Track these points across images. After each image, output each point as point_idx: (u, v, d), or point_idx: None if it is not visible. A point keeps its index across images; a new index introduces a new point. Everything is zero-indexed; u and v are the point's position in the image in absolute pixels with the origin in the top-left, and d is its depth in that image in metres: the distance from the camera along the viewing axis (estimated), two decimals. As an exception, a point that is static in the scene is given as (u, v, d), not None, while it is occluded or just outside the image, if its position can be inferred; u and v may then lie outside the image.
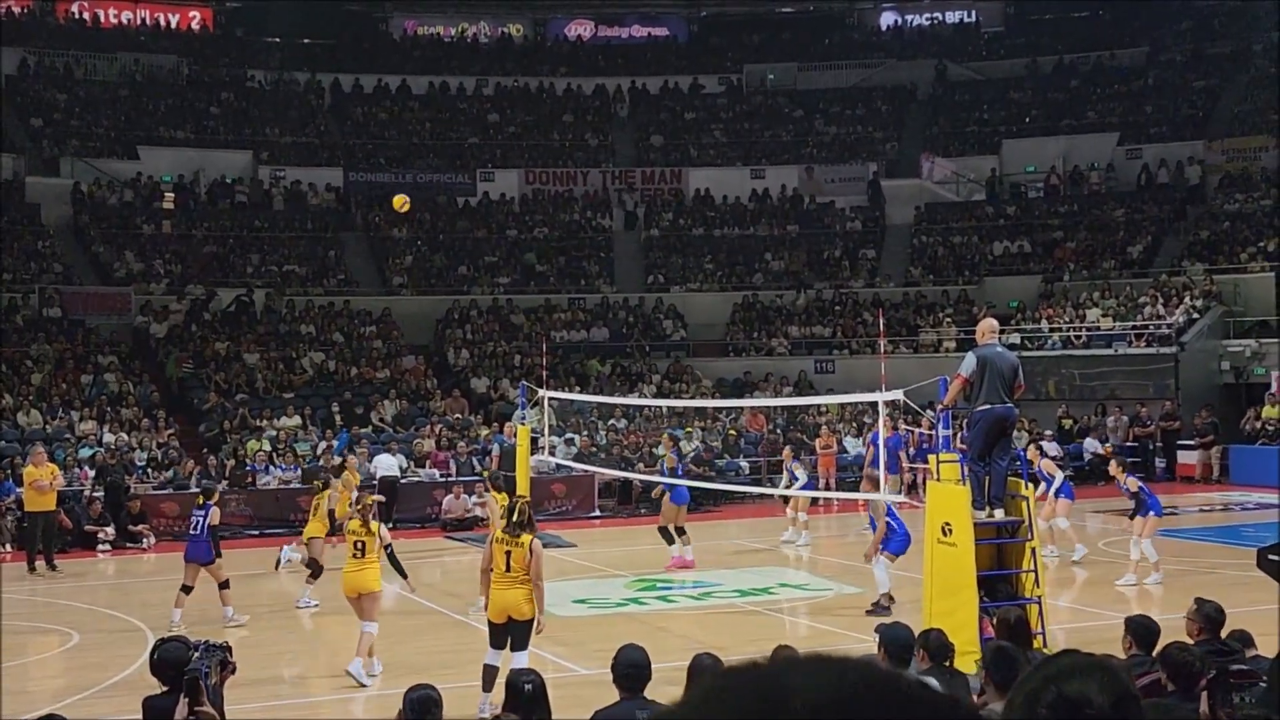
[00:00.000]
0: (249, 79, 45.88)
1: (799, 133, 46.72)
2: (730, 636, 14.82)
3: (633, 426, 31.71)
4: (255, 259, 38.23)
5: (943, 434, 13.12)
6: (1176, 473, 30.92)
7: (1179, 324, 33.84)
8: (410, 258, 39.63)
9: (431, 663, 13.62)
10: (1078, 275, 38.11)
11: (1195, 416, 31.37)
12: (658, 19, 52.37)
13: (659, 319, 38.36)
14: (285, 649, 14.85)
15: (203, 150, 41.53)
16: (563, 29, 52.00)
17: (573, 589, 18.48)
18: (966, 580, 12.14)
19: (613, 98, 47.97)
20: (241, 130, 43.35)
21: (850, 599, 17.91)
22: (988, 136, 45.26)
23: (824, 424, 30.69)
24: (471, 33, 51.40)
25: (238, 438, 28.57)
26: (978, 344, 13.15)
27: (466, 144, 44.91)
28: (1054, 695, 2.07)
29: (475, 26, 51.46)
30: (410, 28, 51.06)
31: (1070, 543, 20.02)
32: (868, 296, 39.01)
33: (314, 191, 41.37)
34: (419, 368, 34.21)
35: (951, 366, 14.01)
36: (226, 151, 41.89)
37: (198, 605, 16.33)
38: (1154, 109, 44.63)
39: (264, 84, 45.87)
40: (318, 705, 12.79)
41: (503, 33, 51.57)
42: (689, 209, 43.35)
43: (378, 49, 49.22)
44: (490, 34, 51.48)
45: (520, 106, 47.15)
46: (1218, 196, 40.04)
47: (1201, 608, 8.76)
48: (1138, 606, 14.96)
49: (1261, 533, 19.36)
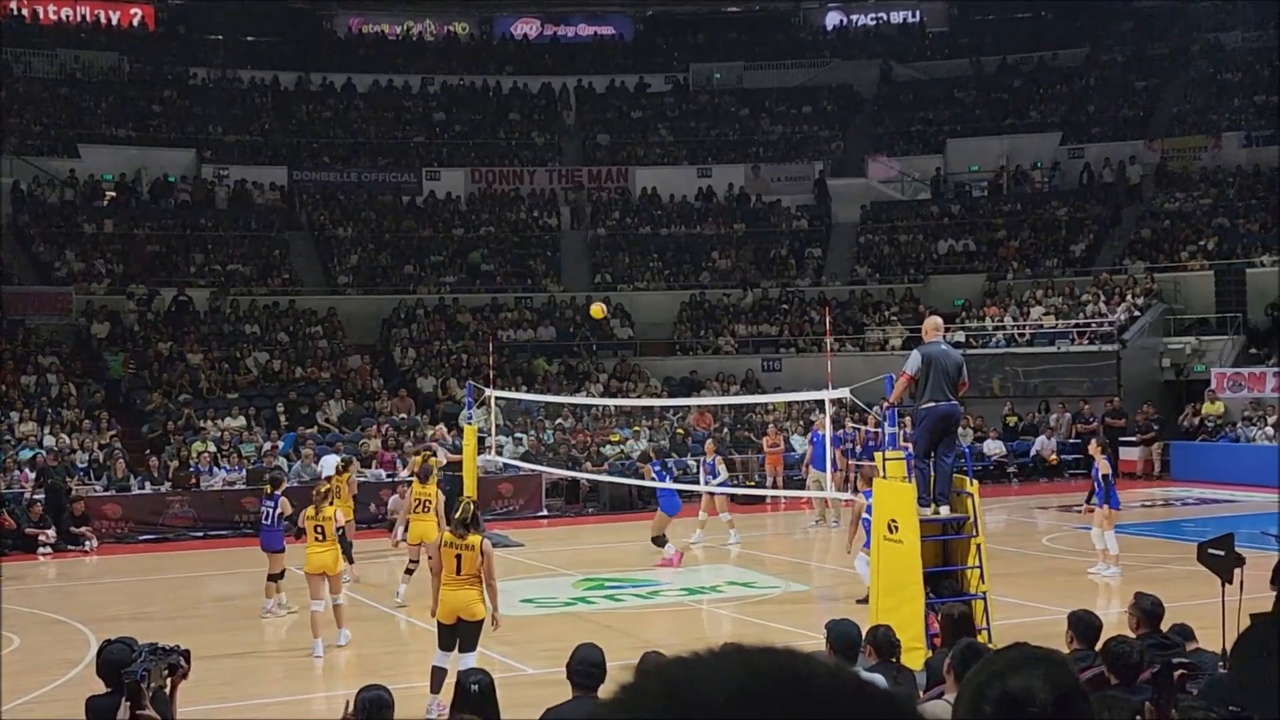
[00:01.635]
0: (191, 77, 45.45)
1: (745, 132, 46.85)
2: (678, 635, 14.85)
3: (580, 426, 31.70)
4: (199, 258, 37.88)
5: (889, 432, 13.21)
6: (1118, 469, 31.23)
7: (1121, 322, 34.24)
8: (356, 257, 39.41)
9: (381, 664, 13.56)
10: (1021, 273, 38.47)
11: (1137, 413, 31.73)
12: (604, 18, 52.35)
13: (606, 318, 38.30)
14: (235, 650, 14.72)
15: (145, 148, 41.09)
16: (509, 28, 51.89)
17: (520, 588, 18.44)
18: (913, 577, 12.23)
19: (559, 97, 47.92)
20: (184, 128, 42.94)
21: (798, 596, 18.00)
22: (932, 136, 45.57)
23: (771, 422, 30.80)
24: (417, 31, 51.17)
25: (181, 439, 28.31)
26: (923, 342, 13.24)
27: (412, 143, 44.72)
28: (998, 690, 2.08)
29: (420, 25, 51.24)
30: (355, 26, 50.78)
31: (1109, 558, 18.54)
32: (814, 295, 39.19)
33: (258, 190, 41.05)
34: (365, 367, 34.03)
35: (897, 364, 14.09)
36: (169, 150, 41.47)
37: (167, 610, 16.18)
38: (1095, 109, 45.11)
39: (207, 82, 45.46)
40: (266, 706, 12.69)
41: (448, 31, 51.39)
42: (636, 208, 43.38)
43: (322, 47, 48.93)
44: (436, 32, 51.29)
45: (466, 105, 47.01)
46: (1158, 196, 40.53)
47: (1139, 602, 8.87)
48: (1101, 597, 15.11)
49: (1202, 527, 19.60)
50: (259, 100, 45.42)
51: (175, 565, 21.93)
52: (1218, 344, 33.78)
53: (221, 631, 15.80)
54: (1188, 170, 40.82)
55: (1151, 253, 37.76)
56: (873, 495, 13.28)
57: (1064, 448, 31.92)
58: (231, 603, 18.13)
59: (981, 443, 31.30)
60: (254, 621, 16.65)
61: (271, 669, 14.38)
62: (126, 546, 24.00)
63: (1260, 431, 29.99)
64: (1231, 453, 29.96)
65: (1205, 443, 30.87)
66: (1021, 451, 32.02)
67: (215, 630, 15.82)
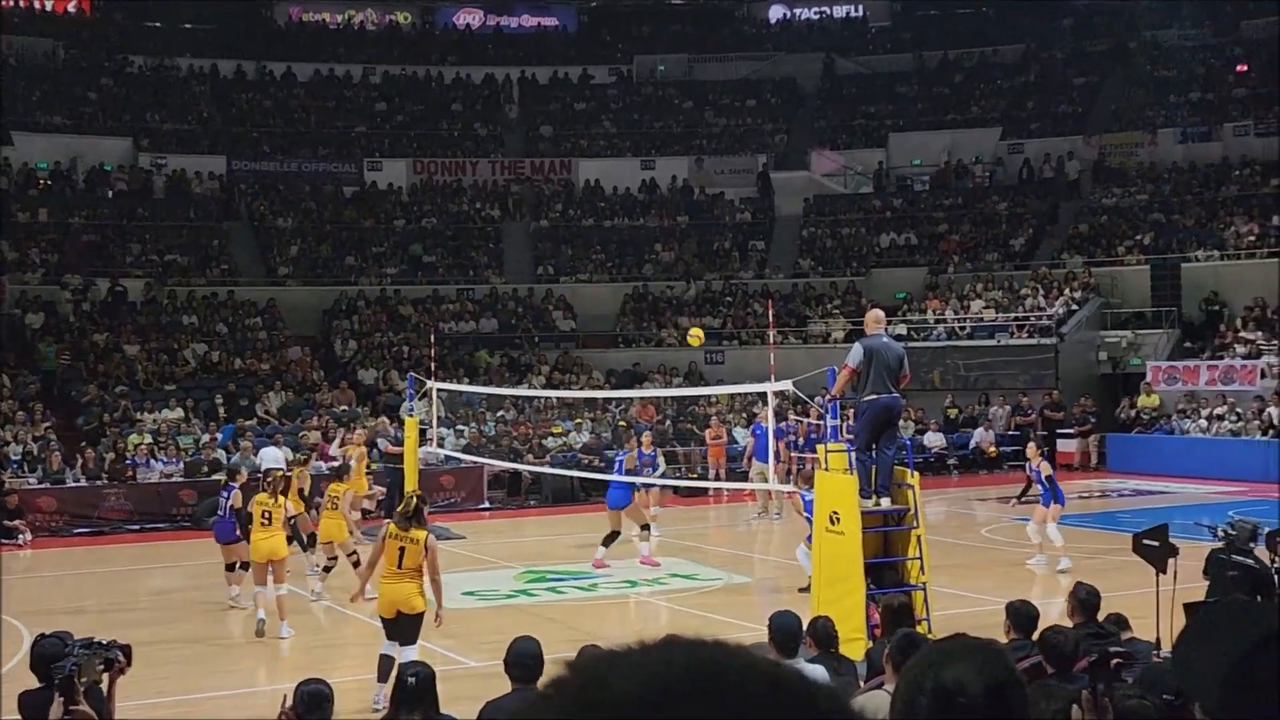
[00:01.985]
0: (129, 64, 44.84)
1: (689, 124, 46.89)
2: (620, 627, 14.85)
3: (522, 418, 31.63)
4: (135, 248, 37.43)
5: (830, 424, 13.27)
6: (1056, 460, 31.56)
7: (1059, 315, 34.58)
8: (296, 248, 39.10)
9: (320, 658, 13.47)
10: (962, 267, 38.77)
11: (1075, 405, 32.07)
12: (547, 9, 52.16)
13: (548, 310, 38.28)
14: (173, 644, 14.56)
15: (80, 136, 40.50)
16: (451, 17, 51.56)
17: (462, 581, 18.37)
18: (854, 568, 12.29)
19: (502, 88, 47.74)
20: (121, 116, 42.38)
21: (740, 588, 18.05)
22: (875, 130, 45.80)
23: (714, 415, 30.86)
24: (358, 20, 50.75)
25: (117, 431, 27.98)
26: (865, 335, 13.30)
27: (353, 133, 44.39)
28: (933, 682, 2.08)
29: (362, 14, 50.82)
30: (295, 14, 50.27)
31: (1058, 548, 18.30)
32: (757, 288, 39.30)
33: (196, 180, 40.61)
34: (305, 359, 33.77)
35: (839, 357, 14.15)
36: (105, 138, 40.90)
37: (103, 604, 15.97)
38: (1035, 105, 45.51)
39: (144, 69, 44.87)
40: (205, 701, 12.56)
41: (390, 20, 51.01)
42: (579, 200, 43.31)
43: (262, 35, 48.39)
44: (377, 21, 50.89)
45: (408, 95, 46.73)
46: (1096, 191, 40.96)
47: (1076, 591, 8.97)
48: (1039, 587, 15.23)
49: (1137, 518, 19.84)
50: (197, 89, 44.90)
51: (111, 559, 21.66)
52: (1153, 337, 34.21)
53: (159, 625, 15.63)
54: (1125, 166, 41.28)
55: (1089, 247, 38.17)
56: (813, 492, 13.34)
57: (1003, 440, 32.20)
58: (169, 596, 17.93)
59: (922, 435, 31.52)
60: (192, 615, 16.49)
61: (210, 663, 14.24)
62: (61, 540, 23.69)
63: (1194, 424, 30.40)
64: (1166, 445, 30.35)
65: (1141, 435, 31.26)
66: (961, 444, 32.28)
67: (152, 624, 15.64)
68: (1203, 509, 21.00)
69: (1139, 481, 28.16)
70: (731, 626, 14.86)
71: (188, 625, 15.96)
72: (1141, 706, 5.20)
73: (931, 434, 32.03)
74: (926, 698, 2.07)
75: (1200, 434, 30.13)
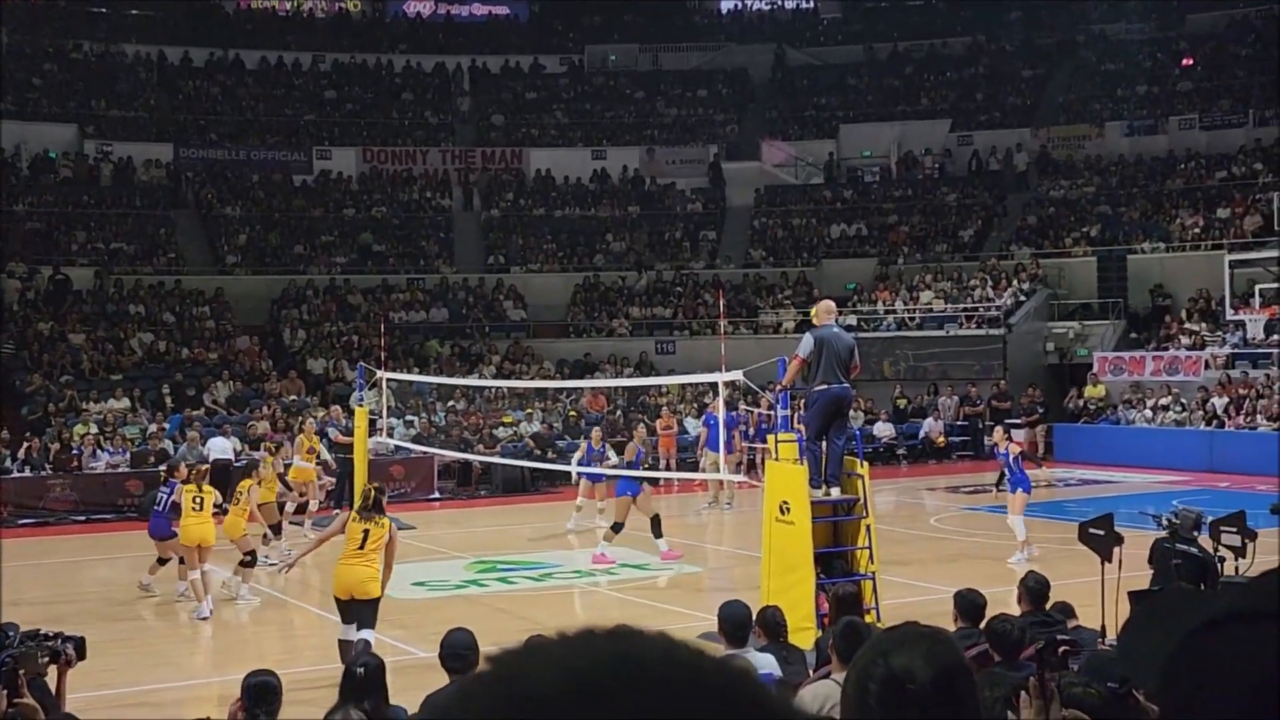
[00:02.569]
0: (74, 49, 44.26)
1: (640, 114, 46.86)
2: (570, 617, 14.85)
3: (473, 408, 31.54)
4: (81, 236, 37.01)
5: (781, 414, 13.31)
6: (1005, 451, 31.81)
7: (1007, 306, 34.87)
8: (244, 236, 38.78)
9: (271, 649, 13.39)
10: (911, 258, 38.98)
11: (1022, 395, 32.35)
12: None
13: (499, 300, 38.18)
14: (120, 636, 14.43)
15: (24, 123, 39.89)
16: (402, 5, 51.24)
17: (412, 571, 18.31)
18: (804, 558, 12.34)
19: (453, 77, 47.52)
20: (66, 103, 41.84)
21: (690, 578, 18.09)
22: (826, 121, 45.95)
23: (665, 405, 30.89)
24: (307, 7, 50.34)
25: (63, 421, 27.67)
26: (815, 325, 13.34)
27: (302, 121, 44.06)
28: (883, 669, 2.10)
29: (311, 1, 50.45)
30: (244, 1, 49.83)
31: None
32: (708, 278, 39.35)
33: (144, 167, 40.19)
34: (253, 349, 33.52)
35: (790, 347, 14.20)
36: (50, 125, 40.37)
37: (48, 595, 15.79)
38: (984, 97, 45.81)
39: (90, 55, 44.32)
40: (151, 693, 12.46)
41: (340, 8, 50.63)
42: (530, 189, 43.20)
43: (209, 21, 47.87)
44: (327, 9, 50.49)
45: (358, 84, 46.41)
46: (1044, 183, 41.29)
47: (1025, 580, 9.06)
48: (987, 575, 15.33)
49: (1083, 507, 20.03)
50: (144, 75, 44.41)
51: (56, 550, 21.44)
52: (1100, 328, 34.55)
53: (105, 618, 15.48)
54: (1072, 159, 41.64)
55: (1037, 239, 38.48)
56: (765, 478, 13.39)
57: (951, 430, 32.46)
58: (115, 587, 17.76)
59: (872, 425, 31.70)
60: (139, 606, 16.35)
61: (158, 655, 14.13)
62: (5, 531, 23.38)
63: (1140, 414, 30.73)
64: (1112, 435, 30.68)
65: (1087, 425, 31.59)
66: (911, 434, 32.49)
67: (98, 616, 15.49)
68: (1147, 498, 21.24)
69: (1085, 471, 28.44)
70: (682, 616, 14.90)
71: (135, 617, 15.83)
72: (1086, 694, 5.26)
73: (881, 424, 32.22)
74: (876, 685, 2.08)
75: (1145, 424, 30.48)
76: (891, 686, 2.07)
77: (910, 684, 2.07)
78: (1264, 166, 36.71)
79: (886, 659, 2.10)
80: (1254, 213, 34.54)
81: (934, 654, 2.11)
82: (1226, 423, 28.93)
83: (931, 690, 2.06)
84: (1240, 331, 31.30)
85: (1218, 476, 26.68)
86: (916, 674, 2.07)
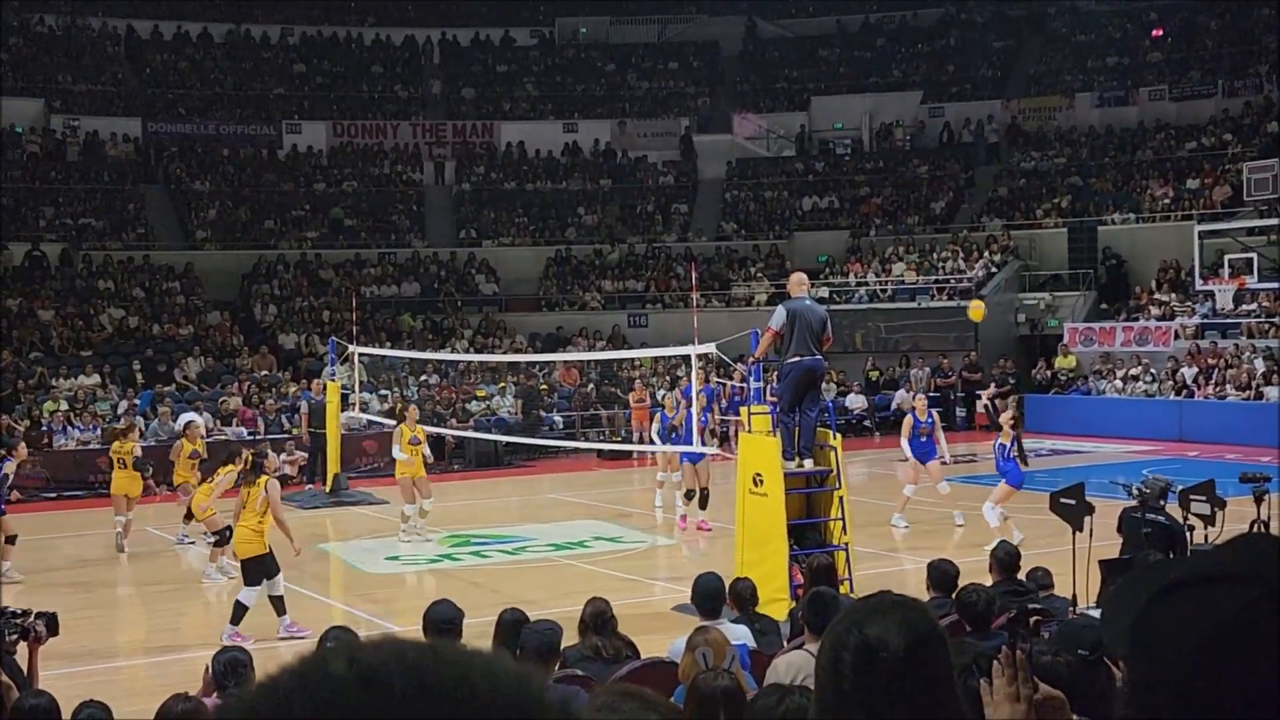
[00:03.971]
0: (39, 23, 43.77)
1: (611, 87, 46.72)
2: (543, 591, 14.87)
3: (445, 382, 31.49)
4: (49, 212, 36.70)
5: (754, 386, 13.33)
6: (975, 421, 31.97)
7: (978, 278, 34.97)
8: (214, 211, 38.53)
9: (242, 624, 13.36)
10: (883, 230, 39.05)
11: (993, 367, 32.49)
12: (468, -31, 51.60)
13: (471, 274, 38.08)
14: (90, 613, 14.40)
15: (-10, 97, 39.54)
16: (371, -22, 50.83)
17: (385, 546, 18.31)
18: (777, 530, 12.38)
19: (422, 49, 47.25)
20: (31, 77, 41.41)
21: (664, 550, 18.13)
22: (797, 93, 45.90)
23: (637, 378, 30.91)
24: (276, -21, 49.88)
25: (33, 398, 27.51)
26: (788, 298, 13.36)
27: (271, 94, 43.76)
28: (857, 638, 2.11)
29: (280, -27, 49.94)
30: (211, -27, 49.32)
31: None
32: (680, 251, 39.34)
33: (111, 142, 39.86)
34: (224, 324, 33.36)
35: (762, 320, 14.22)
36: (15, 99, 39.87)
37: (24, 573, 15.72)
38: (955, 68, 45.83)
39: (55, 29, 43.86)
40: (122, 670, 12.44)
41: (308, -20, 50.19)
42: (501, 163, 43.06)
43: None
44: (295, -19, 50.04)
45: (327, 56, 46.10)
46: (1014, 155, 41.38)
47: (996, 550, 9.12)
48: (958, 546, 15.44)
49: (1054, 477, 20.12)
50: (111, 49, 44.00)
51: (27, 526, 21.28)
52: (1070, 299, 34.71)
53: (76, 594, 15.42)
54: (1043, 130, 41.73)
55: (1008, 210, 38.59)
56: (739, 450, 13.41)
57: (926, 401, 32.52)
58: (86, 564, 17.69)
59: (844, 397, 31.78)
60: (110, 582, 16.30)
61: (128, 630, 14.10)
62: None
63: (1110, 384, 30.91)
64: (1083, 405, 30.86)
65: (1058, 395, 31.76)
66: (883, 405, 32.59)
67: (71, 593, 15.44)
68: (1118, 468, 21.38)
69: (1056, 441, 28.58)
70: (655, 588, 14.96)
71: (105, 594, 15.77)
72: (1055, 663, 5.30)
73: (853, 396, 32.32)
74: (850, 654, 2.10)
75: (1116, 394, 30.66)
76: (865, 655, 2.09)
77: (884, 652, 2.08)
78: (1234, 137, 36.88)
79: (860, 628, 2.12)
80: (1223, 184, 34.70)
81: (907, 623, 2.13)
82: (1196, 393, 29.13)
83: (905, 659, 2.08)
84: (1210, 302, 31.49)
85: (1187, 446, 26.87)
86: (890, 643, 2.09)
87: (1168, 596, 1.24)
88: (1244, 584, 1.20)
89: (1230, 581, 1.21)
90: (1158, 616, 1.24)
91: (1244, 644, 1.16)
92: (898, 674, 2.08)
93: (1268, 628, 1.16)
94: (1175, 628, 1.21)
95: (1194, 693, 1.16)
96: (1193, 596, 1.23)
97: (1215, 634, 1.17)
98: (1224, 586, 1.21)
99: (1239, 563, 1.24)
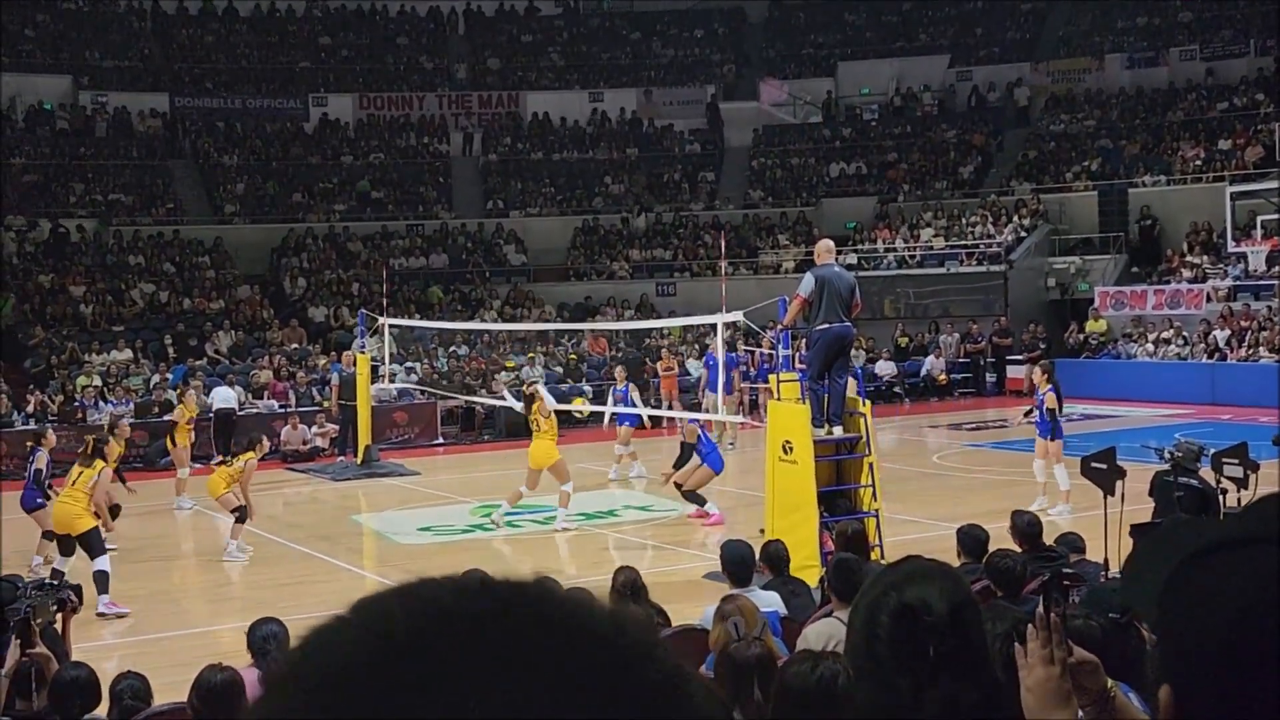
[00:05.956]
0: (66, 0, 43.93)
1: (636, 55, 46.57)
2: (574, 561, 14.94)
3: (474, 353, 31.57)
4: (79, 188, 36.90)
5: (783, 354, 13.32)
6: (1006, 386, 31.89)
7: (1007, 243, 34.79)
8: (242, 185, 38.67)
9: (276, 596, 13.48)
10: (911, 196, 38.86)
11: (1024, 332, 32.35)
12: (492, -61, 51.41)
13: (499, 244, 38.12)
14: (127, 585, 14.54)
15: (18, 75, 39.63)
16: (395, -51, 50.72)
17: (418, 517, 18.41)
18: (807, 497, 12.39)
19: (447, 20, 47.18)
20: (59, 54, 41.57)
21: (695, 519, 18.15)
22: (823, 59, 45.65)
23: (665, 347, 30.90)
24: (300, -48, 49.83)
25: (66, 373, 27.72)
26: (816, 264, 13.32)
27: (298, 68, 43.79)
28: (895, 602, 2.13)
29: (304, -54, 49.89)
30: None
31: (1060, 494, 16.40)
32: (707, 219, 39.26)
33: (139, 118, 39.99)
34: (254, 298, 33.51)
35: (790, 287, 14.18)
36: (44, 76, 40.11)
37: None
38: (983, 31, 45.45)
39: (82, 5, 43.98)
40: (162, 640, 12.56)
41: (332, -48, 50.14)
42: (527, 133, 43.01)
43: (202, -31, 47.43)
44: (319, -46, 49.99)
45: (353, 29, 46.07)
46: (1044, 118, 41.06)
47: (1015, 521, 9.05)
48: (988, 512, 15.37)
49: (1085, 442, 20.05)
50: (138, 25, 44.10)
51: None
52: (1101, 263, 34.49)
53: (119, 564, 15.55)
54: (1072, 93, 41.39)
55: (1037, 174, 38.33)
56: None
57: (953, 367, 32.48)
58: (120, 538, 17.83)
59: (873, 364, 31.72)
60: (145, 556, 16.44)
61: (164, 604, 14.22)
62: (10, 483, 23.45)
63: (1141, 348, 30.74)
64: (1114, 369, 30.70)
65: (1089, 360, 31.59)
66: (912, 372, 32.52)
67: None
68: (1149, 432, 21.30)
69: (1087, 406, 28.44)
70: (685, 556, 15.00)
71: (139, 566, 15.92)
72: (1087, 626, 5.30)
73: (882, 362, 32.24)
74: (888, 618, 2.11)
75: (1147, 358, 30.49)
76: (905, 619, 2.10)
77: (927, 615, 2.09)
78: (1265, 97, 36.48)
79: (900, 592, 2.13)
80: (1255, 144, 34.37)
81: (947, 588, 2.15)
82: (1228, 355, 28.93)
83: (947, 622, 2.09)
84: (1242, 264, 31.24)
85: (1220, 409, 26.71)
86: (933, 606, 2.10)
87: (1199, 562, 1.24)
88: (1277, 546, 1.20)
89: (1263, 543, 1.21)
90: (1189, 582, 1.23)
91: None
92: (940, 637, 2.09)
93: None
94: (1208, 593, 1.20)
95: (1231, 658, 1.16)
96: (1224, 561, 1.22)
97: (1251, 598, 1.17)
98: (1257, 549, 1.21)
99: (1269, 524, 1.24)
